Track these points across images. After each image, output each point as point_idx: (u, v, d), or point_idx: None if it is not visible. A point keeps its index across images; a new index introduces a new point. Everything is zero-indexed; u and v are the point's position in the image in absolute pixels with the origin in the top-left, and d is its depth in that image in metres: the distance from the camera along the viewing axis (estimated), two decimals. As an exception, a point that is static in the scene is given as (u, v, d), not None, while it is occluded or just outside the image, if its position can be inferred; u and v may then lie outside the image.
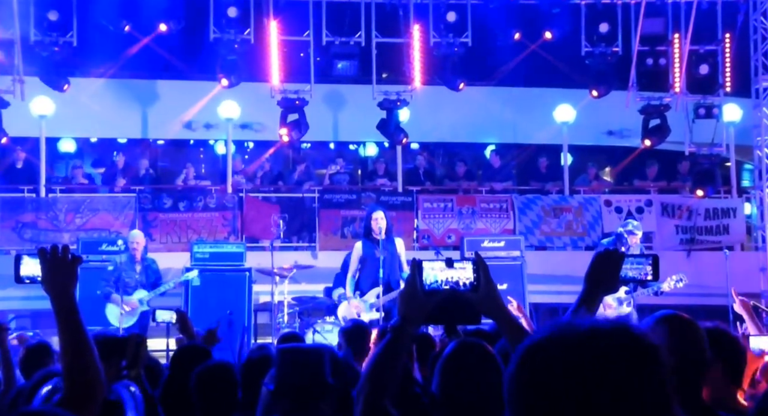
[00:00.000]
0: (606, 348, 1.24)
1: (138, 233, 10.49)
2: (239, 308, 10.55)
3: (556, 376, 1.23)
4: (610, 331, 1.26)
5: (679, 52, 13.80)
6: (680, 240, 13.51)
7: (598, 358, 1.23)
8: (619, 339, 1.26)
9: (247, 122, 14.72)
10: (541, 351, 1.27)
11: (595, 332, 1.26)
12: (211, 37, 13.26)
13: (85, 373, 2.27)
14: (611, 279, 2.62)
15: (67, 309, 2.35)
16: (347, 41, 13.65)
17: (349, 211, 13.26)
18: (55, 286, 2.38)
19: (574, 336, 1.26)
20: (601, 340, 1.25)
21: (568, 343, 1.25)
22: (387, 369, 2.41)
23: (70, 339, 2.31)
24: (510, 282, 10.82)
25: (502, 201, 13.67)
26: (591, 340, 1.25)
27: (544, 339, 1.28)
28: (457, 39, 13.59)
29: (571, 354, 1.23)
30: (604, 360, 1.22)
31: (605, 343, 1.25)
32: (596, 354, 1.23)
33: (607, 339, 1.25)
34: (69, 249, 2.46)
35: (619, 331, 1.27)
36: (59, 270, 2.40)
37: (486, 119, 15.32)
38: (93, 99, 13.95)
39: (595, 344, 1.24)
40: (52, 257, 2.42)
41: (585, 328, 1.26)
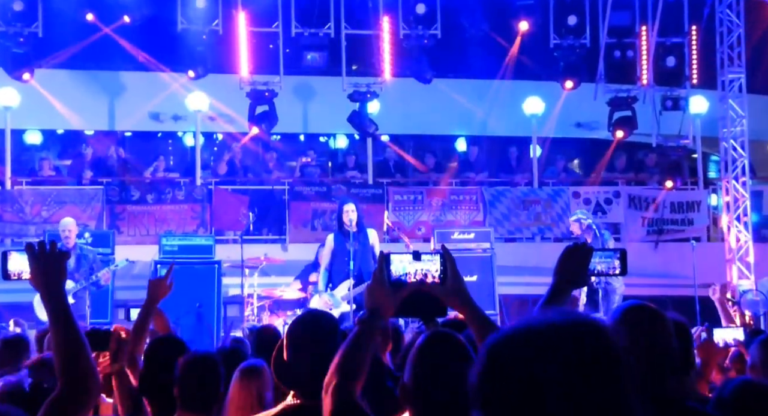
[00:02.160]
0: (567, 344, 1.24)
1: (69, 220, 9.95)
2: (209, 301, 10.50)
3: (518, 372, 1.23)
4: (574, 328, 1.26)
5: (646, 45, 13.92)
6: (647, 231, 13.65)
7: (558, 354, 1.23)
8: (582, 337, 1.26)
9: (215, 114, 14.62)
10: (505, 346, 1.27)
11: (559, 328, 1.26)
12: (179, 28, 13.16)
13: (79, 369, 2.26)
14: (580, 272, 2.65)
15: (58, 304, 2.34)
16: (316, 33, 13.60)
17: (320, 204, 13.23)
18: (44, 282, 2.37)
19: (536, 332, 1.26)
20: (563, 337, 1.25)
21: (531, 339, 1.25)
22: (355, 361, 2.42)
23: (63, 335, 2.30)
24: (480, 273, 10.87)
25: (472, 193, 13.72)
26: (554, 336, 1.25)
27: (508, 335, 1.28)
28: (426, 31, 13.60)
29: (532, 349, 1.24)
30: (564, 357, 1.23)
31: (567, 340, 1.25)
32: (557, 351, 1.23)
33: (570, 335, 1.25)
34: (57, 245, 2.44)
35: (583, 328, 1.27)
36: (48, 265, 2.39)
37: (456, 111, 15.35)
38: (59, 90, 13.76)
39: (557, 340, 1.24)
40: (41, 252, 2.40)
41: (549, 324, 1.27)
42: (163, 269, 10.37)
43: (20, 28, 12.62)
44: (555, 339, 1.24)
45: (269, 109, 13.26)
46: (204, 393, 3.43)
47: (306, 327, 2.83)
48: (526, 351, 1.24)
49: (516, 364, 1.24)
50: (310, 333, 2.77)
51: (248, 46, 13.34)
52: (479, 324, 2.42)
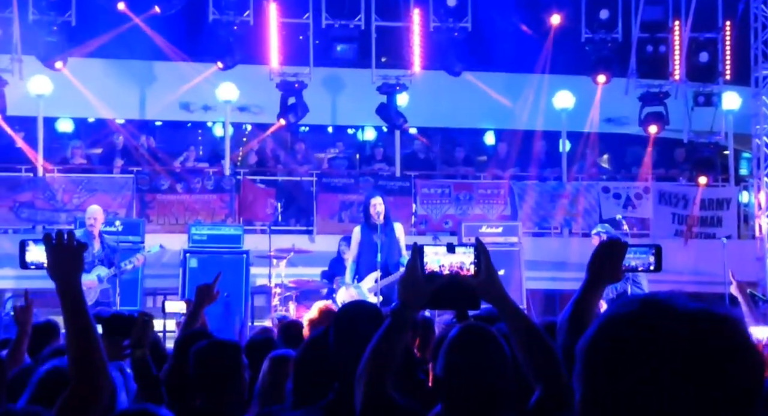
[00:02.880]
0: (700, 332, 1.14)
1: (96, 208, 9.87)
2: (236, 290, 10.55)
3: (639, 352, 1.14)
4: (709, 316, 1.16)
5: (679, 40, 13.77)
6: (676, 230, 13.53)
7: (690, 341, 1.13)
8: (719, 327, 1.16)
9: (245, 104, 14.68)
10: (638, 317, 1.17)
11: (690, 314, 1.16)
12: (211, 19, 13.21)
13: (91, 362, 2.25)
14: (614, 268, 2.63)
15: (73, 295, 2.34)
16: (347, 24, 13.60)
17: (347, 195, 13.25)
18: (60, 272, 2.36)
19: (672, 307, 1.17)
20: (697, 323, 1.15)
21: (666, 314, 1.16)
22: (387, 353, 2.42)
23: (76, 326, 2.30)
24: (507, 268, 10.83)
25: (500, 187, 13.67)
26: (686, 321, 1.15)
27: (633, 312, 1.18)
28: (457, 23, 13.55)
29: (669, 324, 1.14)
30: (697, 345, 1.13)
31: (700, 327, 1.15)
32: (688, 337, 1.13)
33: (705, 323, 1.15)
34: (74, 236, 2.43)
35: (720, 319, 1.16)
36: (64, 256, 2.38)
37: (485, 105, 15.29)
38: (91, 79, 13.88)
39: (688, 326, 1.15)
40: (58, 243, 2.39)
41: (679, 308, 1.17)
42: (193, 258, 10.46)
43: (54, 17, 12.75)
44: (693, 325, 1.14)
45: (297, 100, 13.29)
46: (221, 384, 3.30)
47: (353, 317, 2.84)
48: (647, 332, 1.14)
49: (630, 343, 1.14)
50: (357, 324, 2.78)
51: (278, 37, 13.37)
52: (512, 317, 2.41)
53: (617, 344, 1.16)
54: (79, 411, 2.23)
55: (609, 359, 1.16)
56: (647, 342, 1.14)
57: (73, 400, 2.23)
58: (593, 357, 1.19)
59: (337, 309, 3.09)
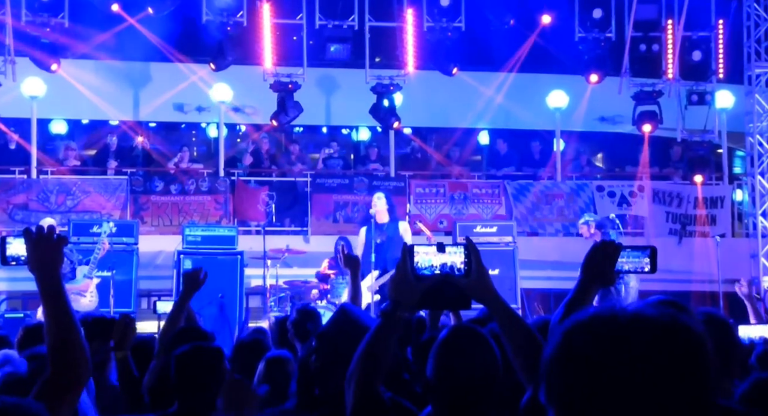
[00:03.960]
0: (654, 331, 1.21)
1: (49, 220, 9.50)
2: (231, 292, 10.54)
3: (602, 355, 1.19)
4: (659, 317, 1.23)
5: (672, 39, 13.80)
6: (670, 229, 13.55)
7: (645, 342, 1.19)
8: (668, 326, 1.22)
9: (239, 105, 14.67)
10: (588, 330, 1.23)
11: (643, 317, 1.23)
12: (204, 20, 13.20)
13: (70, 353, 2.26)
14: (608, 271, 2.63)
15: (52, 288, 2.33)
16: (340, 25, 13.59)
17: (342, 196, 13.24)
18: (40, 266, 2.36)
19: (622, 317, 1.23)
20: (650, 324, 1.22)
21: (616, 324, 1.22)
22: (378, 354, 2.42)
23: (56, 319, 2.29)
24: (502, 267, 10.85)
25: (494, 186, 13.68)
26: (639, 323, 1.22)
27: (591, 318, 1.25)
28: (450, 23, 13.55)
29: (619, 334, 1.20)
30: (652, 344, 1.19)
31: (653, 327, 1.21)
32: (643, 338, 1.20)
33: (656, 323, 1.22)
34: (55, 229, 2.43)
35: (667, 318, 1.23)
36: (45, 250, 2.37)
37: (479, 104, 15.29)
38: (84, 80, 13.86)
39: (642, 327, 1.21)
40: (38, 237, 2.39)
41: (632, 312, 1.23)
42: (187, 260, 10.45)
43: (47, 18, 12.72)
44: (646, 327, 1.21)
45: (291, 101, 13.27)
46: (200, 389, 3.22)
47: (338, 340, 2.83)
48: (604, 341, 1.20)
49: (591, 352, 1.20)
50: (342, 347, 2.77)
51: (272, 37, 13.36)
52: (503, 317, 2.41)
53: (577, 361, 1.22)
54: (57, 398, 2.22)
55: (572, 376, 1.22)
56: (601, 357, 1.20)
57: (52, 387, 2.23)
58: (560, 366, 1.24)
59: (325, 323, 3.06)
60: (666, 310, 1.24)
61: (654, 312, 1.23)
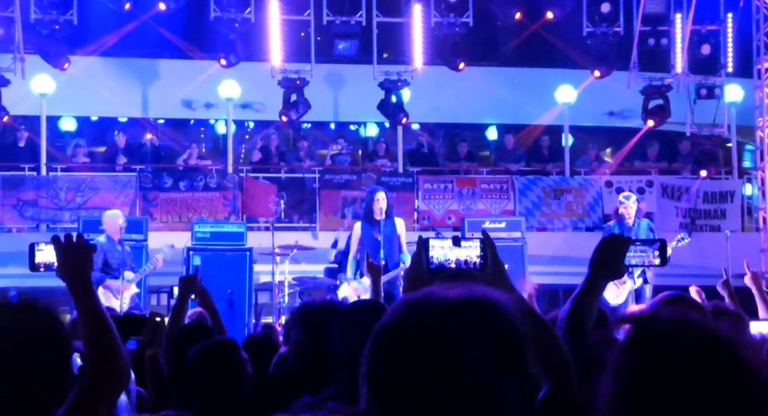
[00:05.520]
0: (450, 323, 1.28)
1: (118, 211, 9.94)
2: (240, 288, 10.56)
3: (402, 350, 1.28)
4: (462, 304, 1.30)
5: (680, 32, 13.75)
6: (680, 223, 13.51)
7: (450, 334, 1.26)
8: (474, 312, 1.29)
9: (247, 102, 14.68)
10: (392, 329, 1.31)
11: (446, 303, 1.29)
12: (212, 16, 13.21)
13: (109, 357, 2.29)
14: (616, 265, 2.61)
15: (85, 295, 2.37)
16: (348, 21, 13.58)
17: (350, 192, 13.25)
18: (70, 273, 2.40)
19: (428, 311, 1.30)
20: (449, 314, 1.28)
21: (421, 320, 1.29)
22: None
23: (91, 324, 2.32)
24: (510, 263, 10.67)
25: (503, 182, 13.66)
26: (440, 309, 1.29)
27: (397, 316, 1.32)
28: (458, 19, 13.53)
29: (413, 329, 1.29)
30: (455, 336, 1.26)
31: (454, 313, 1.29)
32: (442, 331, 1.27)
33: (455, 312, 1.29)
34: (83, 238, 2.47)
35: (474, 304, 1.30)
36: (73, 257, 2.41)
37: (487, 99, 15.28)
38: (93, 77, 13.90)
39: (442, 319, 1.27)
40: (67, 245, 2.43)
41: (437, 301, 1.30)
42: (196, 256, 10.47)
43: (56, 15, 12.74)
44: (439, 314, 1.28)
45: (299, 97, 13.28)
46: (221, 385, 3.23)
47: (355, 316, 2.83)
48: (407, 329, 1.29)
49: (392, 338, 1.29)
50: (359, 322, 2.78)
51: (280, 34, 13.36)
52: (519, 311, 2.40)
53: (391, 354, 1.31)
54: (99, 400, 2.26)
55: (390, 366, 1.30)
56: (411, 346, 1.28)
57: (93, 390, 2.25)
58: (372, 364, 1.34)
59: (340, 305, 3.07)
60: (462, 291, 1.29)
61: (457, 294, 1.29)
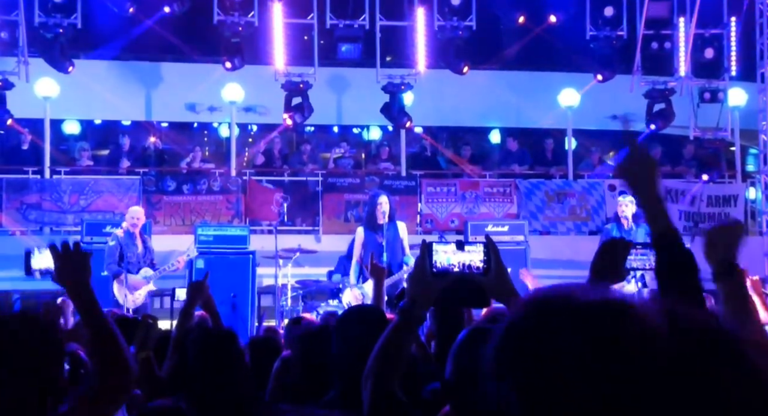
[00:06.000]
0: (598, 324, 1.10)
1: (139, 209, 10.20)
2: (243, 291, 10.57)
3: (532, 343, 1.10)
4: (602, 305, 1.12)
5: (684, 36, 13.75)
6: (684, 226, 13.49)
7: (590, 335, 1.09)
8: (610, 316, 1.11)
9: (250, 105, 14.70)
10: (525, 317, 1.14)
11: (584, 303, 1.10)
12: (215, 20, 13.23)
13: (115, 361, 2.31)
14: (617, 269, 2.61)
15: (86, 301, 2.40)
16: (351, 24, 13.60)
17: (353, 195, 13.25)
18: (69, 280, 2.42)
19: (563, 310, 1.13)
20: (593, 315, 1.11)
21: (568, 303, 1.12)
22: (395, 352, 2.41)
23: (94, 329, 2.35)
24: (513, 266, 10.72)
25: (506, 185, 13.65)
26: (577, 311, 1.10)
27: (529, 304, 1.15)
28: (461, 22, 13.54)
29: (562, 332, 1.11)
30: (584, 335, 1.08)
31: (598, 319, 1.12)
32: (589, 332, 1.09)
33: (601, 314, 1.11)
34: (80, 245, 2.50)
35: (613, 306, 1.12)
36: (72, 264, 2.44)
37: (490, 103, 15.28)
38: (97, 81, 13.92)
39: (586, 320, 1.10)
40: (64, 252, 2.45)
41: (572, 303, 1.12)
42: (199, 259, 10.48)
43: (60, 19, 12.77)
44: (578, 315, 1.11)
45: (303, 100, 13.30)
46: (221, 376, 3.17)
47: (353, 321, 2.83)
48: (545, 324, 1.10)
49: (532, 335, 1.11)
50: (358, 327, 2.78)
51: (283, 37, 13.38)
52: None
53: (524, 354, 1.11)
54: (108, 402, 2.28)
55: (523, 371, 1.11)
56: (551, 346, 1.09)
57: (102, 392, 2.27)
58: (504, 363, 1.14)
59: (342, 311, 3.08)
60: (602, 292, 1.17)
61: (596, 295, 1.16)
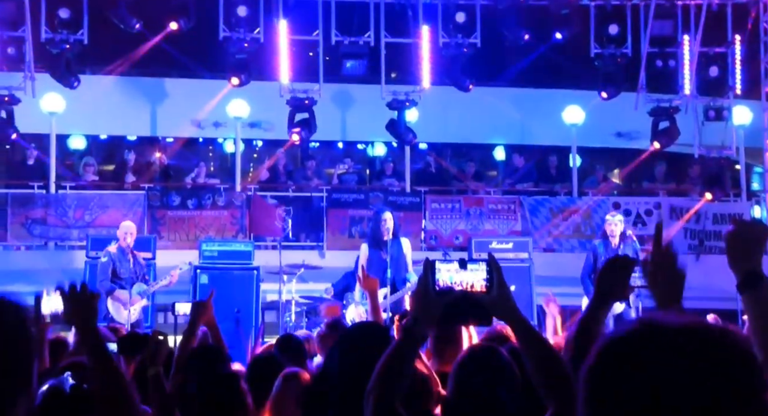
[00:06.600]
0: (704, 350, 1.12)
1: (131, 224, 10.12)
2: (247, 306, 10.55)
3: (642, 372, 1.12)
4: (709, 332, 1.15)
5: (688, 54, 13.76)
6: (689, 245, 13.47)
7: (692, 359, 1.11)
8: (721, 343, 1.14)
9: (256, 121, 14.74)
10: (628, 344, 1.15)
11: (690, 331, 1.14)
12: (221, 36, 13.29)
13: (119, 399, 2.39)
14: (621, 286, 2.61)
15: (93, 341, 2.48)
16: (356, 41, 13.65)
17: (357, 211, 13.27)
18: (77, 321, 2.53)
19: (665, 331, 1.14)
20: (696, 340, 1.13)
21: (658, 339, 1.14)
22: (398, 369, 2.41)
23: (100, 367, 2.43)
24: (518, 284, 10.75)
25: (510, 202, 13.65)
26: (685, 339, 1.13)
27: (632, 332, 1.16)
28: (466, 39, 13.58)
29: (661, 351, 1.12)
30: (700, 363, 1.11)
31: (702, 344, 1.13)
32: (690, 355, 1.11)
33: (706, 340, 1.14)
34: (87, 286, 2.59)
35: (720, 335, 1.15)
36: (80, 305, 2.53)
37: (494, 120, 15.30)
38: (103, 96, 13.98)
39: (689, 344, 1.12)
40: (71, 294, 2.54)
41: (678, 325, 1.15)
42: (203, 275, 10.48)
43: (66, 35, 12.84)
44: (682, 341, 1.12)
45: (309, 116, 13.33)
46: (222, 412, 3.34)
47: (356, 338, 2.83)
48: (646, 351, 1.12)
49: (633, 362, 1.13)
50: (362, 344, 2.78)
51: (289, 53, 13.43)
52: (525, 335, 2.40)
53: (622, 367, 1.14)
54: None
55: (614, 382, 1.14)
56: (650, 361, 1.12)
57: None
58: (598, 383, 1.17)
59: (346, 328, 3.09)
60: (701, 320, 1.17)
61: (694, 320, 1.16)
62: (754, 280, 2.13)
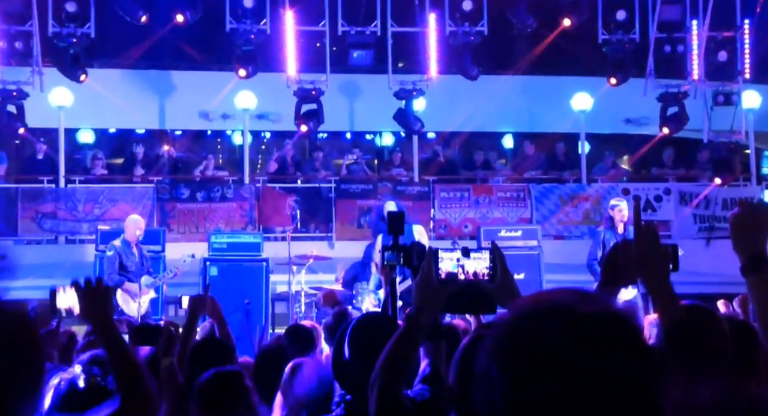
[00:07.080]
0: (597, 334, 1.19)
1: (139, 217, 10.16)
2: (257, 298, 10.57)
3: (545, 359, 1.18)
4: (602, 317, 1.21)
5: (697, 39, 13.69)
6: (698, 228, 13.42)
7: (583, 339, 1.18)
8: (607, 323, 1.20)
9: (263, 112, 14.75)
10: (528, 318, 1.22)
11: (581, 312, 1.21)
12: (228, 28, 13.28)
13: (138, 391, 2.42)
14: (629, 270, 2.60)
15: (109, 336, 2.50)
16: (363, 31, 13.62)
17: (366, 201, 13.27)
18: (93, 316, 2.54)
19: (561, 310, 1.21)
20: (586, 320, 1.20)
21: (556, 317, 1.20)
22: (401, 359, 2.41)
23: (119, 362, 2.46)
24: (527, 271, 10.78)
25: (519, 190, 13.63)
26: (577, 318, 1.20)
27: (533, 306, 1.24)
28: (473, 28, 13.53)
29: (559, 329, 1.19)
30: (589, 342, 1.18)
31: (597, 328, 1.20)
32: (580, 334, 1.18)
33: (600, 324, 1.20)
34: (102, 281, 2.60)
35: (606, 315, 1.22)
36: (95, 300, 2.55)
37: (503, 108, 15.26)
38: (111, 90, 14.00)
39: (580, 323, 1.19)
40: (87, 288, 2.56)
41: (570, 305, 1.22)
42: (213, 267, 10.51)
43: (73, 28, 12.86)
44: (580, 321, 1.19)
45: (317, 107, 13.33)
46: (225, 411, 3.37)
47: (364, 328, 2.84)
48: (548, 327, 1.19)
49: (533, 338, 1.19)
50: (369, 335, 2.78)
51: (295, 44, 13.42)
52: None
53: (524, 357, 1.20)
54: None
55: (521, 368, 1.20)
56: (551, 350, 1.18)
57: None
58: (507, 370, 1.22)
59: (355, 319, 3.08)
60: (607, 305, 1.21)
61: (595, 306, 1.20)
62: (759, 263, 2.13)
